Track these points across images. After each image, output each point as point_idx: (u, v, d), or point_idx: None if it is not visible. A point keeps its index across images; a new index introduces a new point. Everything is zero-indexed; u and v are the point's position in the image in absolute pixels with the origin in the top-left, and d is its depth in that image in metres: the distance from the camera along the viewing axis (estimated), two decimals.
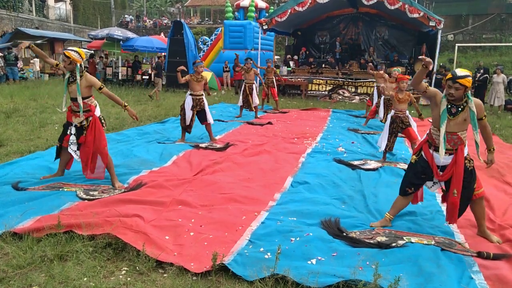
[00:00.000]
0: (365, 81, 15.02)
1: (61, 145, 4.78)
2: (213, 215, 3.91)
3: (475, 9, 28.06)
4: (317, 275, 2.79)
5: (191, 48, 16.52)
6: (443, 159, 3.47)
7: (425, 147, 3.62)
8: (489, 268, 3.05)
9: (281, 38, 25.27)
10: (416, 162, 3.66)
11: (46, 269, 2.89)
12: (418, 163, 3.65)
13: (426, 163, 3.59)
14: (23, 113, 9.43)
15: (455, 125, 3.40)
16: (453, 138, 3.43)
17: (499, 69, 13.84)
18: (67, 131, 4.74)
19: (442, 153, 3.37)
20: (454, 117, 3.38)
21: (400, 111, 6.33)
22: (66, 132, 4.75)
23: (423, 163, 3.62)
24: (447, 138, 3.41)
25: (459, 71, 3.33)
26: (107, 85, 17.04)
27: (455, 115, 3.38)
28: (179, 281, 2.81)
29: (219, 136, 7.87)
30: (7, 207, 3.86)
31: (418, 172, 3.65)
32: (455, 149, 3.43)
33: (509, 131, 9.52)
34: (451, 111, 3.38)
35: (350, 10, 17.62)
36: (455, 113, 3.38)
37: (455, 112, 3.38)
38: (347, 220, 3.88)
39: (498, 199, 4.62)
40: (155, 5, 44.02)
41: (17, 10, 25.77)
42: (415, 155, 3.71)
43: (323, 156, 6.50)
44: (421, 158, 3.64)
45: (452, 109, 3.38)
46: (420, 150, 3.68)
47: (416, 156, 3.69)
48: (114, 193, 4.43)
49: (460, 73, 3.29)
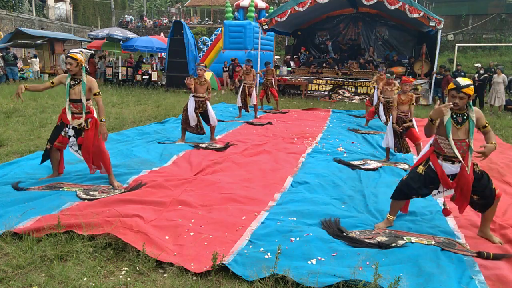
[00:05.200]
0: (365, 81, 15.01)
1: (51, 147, 4.74)
2: (213, 215, 3.91)
3: (475, 9, 28.07)
4: (317, 275, 2.79)
5: (191, 48, 16.51)
6: (453, 168, 3.49)
7: (433, 158, 3.58)
8: (489, 268, 3.04)
9: (281, 38, 25.28)
10: (425, 172, 3.61)
11: (46, 269, 2.89)
12: (426, 174, 3.60)
13: (435, 173, 3.56)
14: (23, 113, 9.43)
15: (462, 132, 3.42)
16: (462, 146, 3.43)
17: (499, 69, 13.83)
18: (59, 133, 4.73)
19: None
20: (461, 126, 3.41)
21: (402, 112, 6.33)
22: (58, 134, 4.73)
23: (432, 173, 3.58)
24: (456, 146, 3.41)
25: (462, 80, 3.34)
26: (107, 85, 17.11)
27: (462, 124, 3.41)
28: (179, 281, 2.81)
29: (219, 136, 7.87)
30: (7, 207, 3.86)
31: (427, 183, 3.62)
32: (463, 156, 3.43)
33: (509, 131, 9.52)
34: (458, 121, 3.41)
35: (350, 10, 17.62)
36: (461, 122, 3.41)
37: (461, 121, 3.41)
38: (347, 220, 3.88)
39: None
40: (155, 5, 44.02)
41: (17, 10, 25.77)
42: (422, 166, 3.64)
43: (323, 156, 6.50)
44: (430, 168, 3.60)
45: (458, 119, 3.41)
46: (427, 161, 3.64)
47: (423, 166, 3.64)
48: (114, 193, 4.43)
49: (464, 83, 3.31)
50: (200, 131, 7.41)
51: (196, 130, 7.39)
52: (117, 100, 12.42)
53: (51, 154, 4.80)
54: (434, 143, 3.61)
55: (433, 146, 3.62)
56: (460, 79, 3.37)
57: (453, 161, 3.49)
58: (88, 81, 4.56)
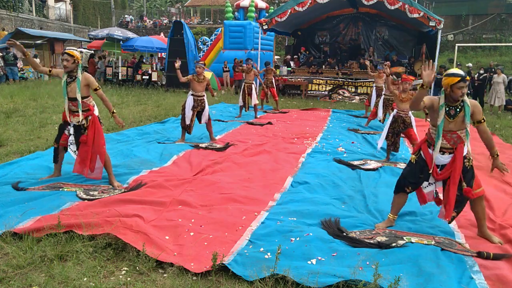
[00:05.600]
0: (365, 81, 15.02)
1: (58, 146, 4.77)
2: (213, 215, 3.91)
3: (475, 9, 28.08)
4: (317, 275, 2.79)
5: (191, 48, 16.51)
6: (443, 158, 3.49)
7: (424, 147, 3.63)
8: (489, 268, 3.04)
9: (281, 38, 25.29)
10: (416, 161, 3.67)
11: (46, 269, 2.89)
12: (417, 162, 3.66)
13: (425, 162, 3.60)
14: (23, 113, 9.43)
15: (454, 124, 3.42)
16: (453, 137, 3.44)
17: (499, 69, 13.84)
18: (63, 131, 4.74)
19: (437, 151, 3.44)
20: (453, 119, 3.41)
21: (403, 111, 6.33)
22: (62, 133, 4.75)
23: (422, 162, 3.63)
24: (446, 137, 3.44)
25: (459, 70, 3.37)
26: (107, 85, 17.10)
27: (454, 116, 3.40)
28: (179, 281, 2.81)
29: (219, 136, 7.87)
30: (7, 207, 3.86)
31: (417, 172, 3.67)
32: (455, 147, 3.44)
33: (509, 131, 9.53)
34: (450, 113, 3.40)
35: (350, 10, 17.61)
36: (453, 115, 3.40)
37: (453, 113, 3.40)
38: (347, 220, 3.88)
39: (498, 199, 4.62)
40: (155, 5, 44.03)
41: (17, 10, 25.76)
42: (414, 155, 3.72)
43: (323, 156, 6.50)
44: (420, 157, 3.66)
45: (451, 111, 3.40)
46: (419, 150, 3.69)
47: (415, 155, 3.70)
48: (114, 193, 4.43)
49: (463, 72, 3.36)
50: (188, 131, 7.29)
51: (190, 129, 7.31)
52: (117, 100, 12.43)
53: (58, 153, 4.82)
54: (427, 133, 3.64)
55: (427, 136, 3.64)
56: (456, 70, 3.38)
57: (443, 152, 3.50)
58: (83, 78, 4.52)
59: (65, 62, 4.46)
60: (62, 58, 4.49)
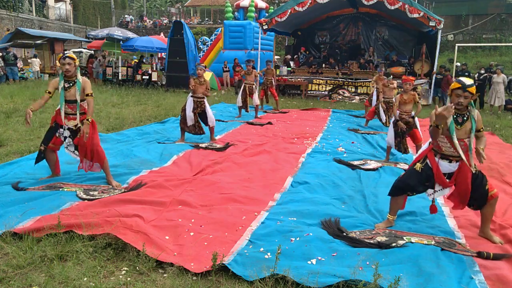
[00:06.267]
0: (365, 81, 15.02)
1: (46, 148, 4.72)
2: (213, 215, 3.91)
3: (475, 9, 28.08)
4: (317, 275, 2.79)
5: (191, 48, 16.51)
6: (450, 166, 3.51)
7: (431, 156, 3.61)
8: (489, 268, 3.04)
9: (281, 38, 25.27)
10: (422, 170, 3.64)
11: (46, 269, 2.89)
12: (424, 171, 3.63)
13: (431, 170, 3.59)
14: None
15: (462, 132, 3.45)
16: (461, 145, 3.45)
17: (499, 69, 13.83)
18: (53, 134, 4.71)
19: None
20: (461, 126, 3.44)
21: (405, 112, 6.31)
22: (52, 135, 4.71)
23: (428, 171, 3.61)
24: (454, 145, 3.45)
25: (466, 80, 3.39)
26: (107, 85, 17.10)
27: (462, 124, 3.44)
28: (179, 281, 2.81)
29: (219, 136, 7.87)
30: (7, 207, 3.86)
31: (423, 180, 3.65)
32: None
33: (509, 131, 9.53)
34: (458, 121, 3.44)
35: (350, 10, 17.61)
36: (461, 123, 3.44)
37: (461, 121, 3.45)
38: (347, 220, 3.88)
39: (498, 199, 4.59)
40: (155, 5, 44.03)
41: (17, 10, 25.77)
42: (420, 163, 3.68)
43: (323, 156, 6.50)
44: (427, 166, 3.63)
45: (459, 119, 3.45)
46: (425, 158, 3.66)
47: (421, 164, 3.67)
48: (114, 193, 4.43)
49: (468, 82, 3.36)
50: (198, 131, 7.39)
51: (194, 130, 7.38)
52: (117, 100, 12.42)
53: (46, 155, 4.79)
54: (433, 142, 3.62)
55: (432, 144, 3.63)
56: (464, 79, 3.40)
57: (450, 160, 3.52)
58: (83, 81, 4.56)
59: (68, 66, 4.46)
60: (64, 62, 4.46)
